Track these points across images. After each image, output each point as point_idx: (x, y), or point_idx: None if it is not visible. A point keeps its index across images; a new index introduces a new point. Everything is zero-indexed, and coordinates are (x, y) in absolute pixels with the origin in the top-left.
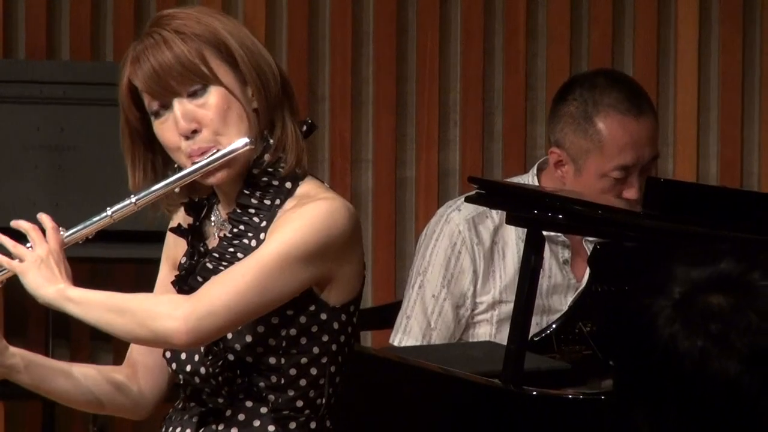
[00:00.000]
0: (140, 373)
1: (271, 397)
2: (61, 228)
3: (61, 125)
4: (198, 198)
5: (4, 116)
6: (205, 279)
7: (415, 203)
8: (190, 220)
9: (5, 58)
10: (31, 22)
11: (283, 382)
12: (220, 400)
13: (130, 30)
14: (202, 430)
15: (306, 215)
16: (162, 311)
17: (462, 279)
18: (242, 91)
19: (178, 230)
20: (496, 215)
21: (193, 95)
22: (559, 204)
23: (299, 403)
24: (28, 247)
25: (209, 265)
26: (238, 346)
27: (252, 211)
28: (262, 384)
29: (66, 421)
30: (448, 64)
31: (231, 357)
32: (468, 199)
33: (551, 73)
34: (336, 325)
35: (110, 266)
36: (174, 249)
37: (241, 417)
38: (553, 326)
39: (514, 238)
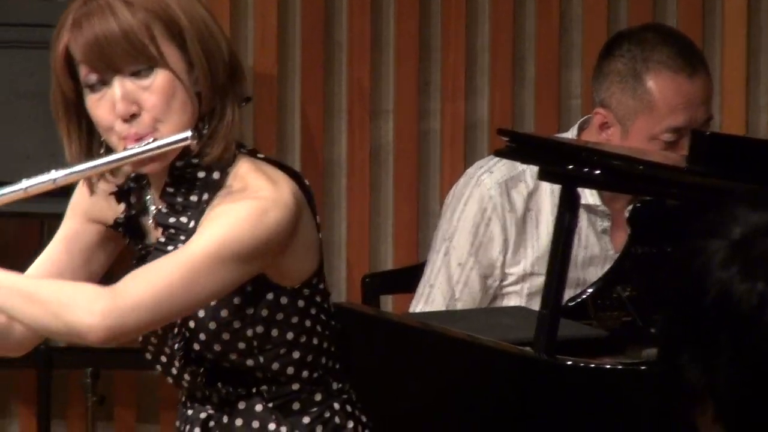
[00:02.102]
0: None
1: (264, 388)
2: None
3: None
4: (126, 186)
5: None
6: None
7: (440, 157)
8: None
9: None
10: None
11: (269, 375)
12: (215, 400)
13: None
14: (210, 423)
15: (237, 214)
16: (79, 303)
17: (491, 247)
18: (188, 76)
19: (115, 226)
20: (531, 179)
21: (136, 75)
22: (597, 158)
23: (295, 386)
24: None
25: None
26: (210, 356)
27: (179, 209)
28: (249, 381)
29: (62, 391)
30: (476, 5)
31: (208, 366)
32: (498, 153)
33: (587, 15)
34: (302, 303)
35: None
36: (91, 202)
37: (239, 422)
38: (589, 291)
39: (549, 205)
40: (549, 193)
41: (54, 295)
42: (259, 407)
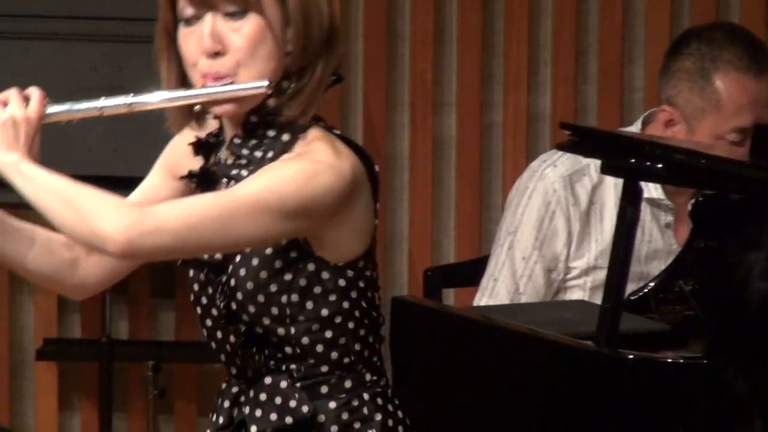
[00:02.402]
0: (93, 256)
1: (293, 366)
2: (49, 102)
3: (119, 64)
4: (206, 138)
5: (57, 55)
6: None
7: (503, 150)
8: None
9: None
10: None
11: (299, 351)
12: (249, 373)
13: None
14: (241, 398)
15: (289, 169)
16: (106, 213)
17: (555, 241)
18: (282, 30)
19: (189, 176)
20: (595, 173)
21: (229, 15)
22: (660, 152)
23: (324, 368)
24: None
25: None
26: (245, 317)
27: (243, 162)
28: (279, 356)
29: (123, 384)
30: None
31: (242, 328)
32: (559, 147)
33: (650, 9)
34: (343, 283)
35: None
36: (177, 159)
37: (263, 396)
38: (651, 285)
39: (613, 198)
40: (613, 187)
41: (89, 202)
42: (284, 383)
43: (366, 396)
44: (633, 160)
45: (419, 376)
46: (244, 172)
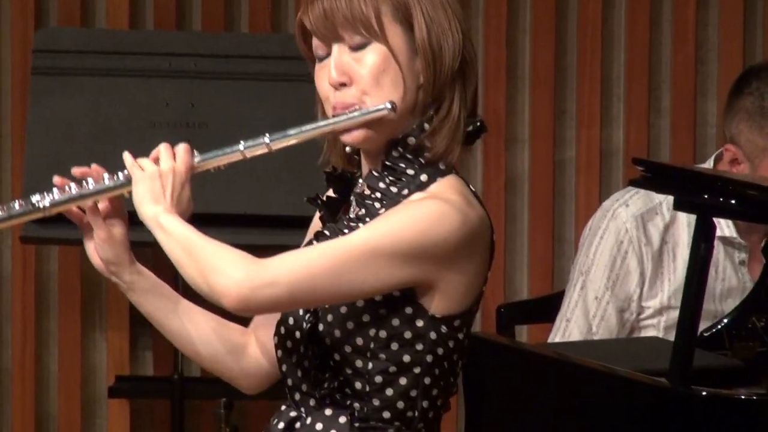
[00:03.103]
0: (261, 343)
1: (356, 405)
2: (195, 153)
3: (191, 101)
4: (342, 170)
5: (130, 91)
6: None
7: (575, 185)
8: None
9: (132, 29)
10: None
11: (368, 389)
12: (312, 402)
13: (267, 1)
14: (297, 424)
15: (413, 211)
16: (222, 268)
17: (628, 281)
18: (409, 60)
19: (313, 200)
20: (667, 212)
21: (355, 48)
22: (732, 188)
23: (386, 414)
24: (156, 162)
25: (315, 244)
26: (328, 340)
27: (377, 195)
28: (347, 390)
29: (195, 421)
30: (612, 33)
31: (322, 353)
32: (632, 183)
33: (724, 44)
34: (434, 336)
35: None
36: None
37: (319, 426)
38: (725, 321)
39: (685, 237)
40: (686, 226)
41: (208, 255)
42: (343, 419)
43: None
44: (706, 196)
45: (492, 413)
46: (377, 205)
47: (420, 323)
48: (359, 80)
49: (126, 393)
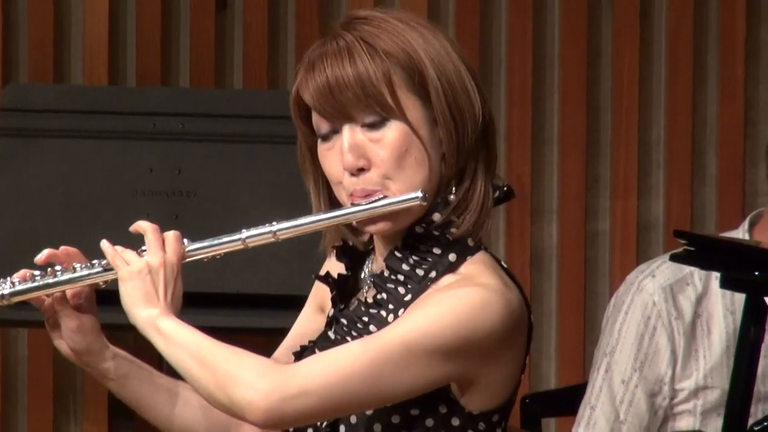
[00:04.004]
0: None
1: None
2: (186, 240)
3: (177, 166)
4: (353, 243)
5: (110, 155)
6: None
7: (609, 262)
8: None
9: (112, 85)
10: (142, 44)
11: None
12: None
13: (263, 54)
14: None
15: (452, 301)
16: (245, 377)
17: (657, 361)
18: (429, 132)
19: (324, 278)
20: (699, 282)
21: (368, 126)
22: None
23: None
24: (141, 252)
25: (332, 336)
26: None
27: (400, 278)
28: None
29: None
30: (650, 92)
31: None
32: (674, 257)
33: None
34: None
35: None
36: (324, 293)
37: None
38: None
39: (720, 309)
40: (720, 296)
41: (223, 362)
42: None
43: None
44: (757, 273)
45: None
46: (401, 290)
47: (456, 422)
48: (380, 164)
49: None
